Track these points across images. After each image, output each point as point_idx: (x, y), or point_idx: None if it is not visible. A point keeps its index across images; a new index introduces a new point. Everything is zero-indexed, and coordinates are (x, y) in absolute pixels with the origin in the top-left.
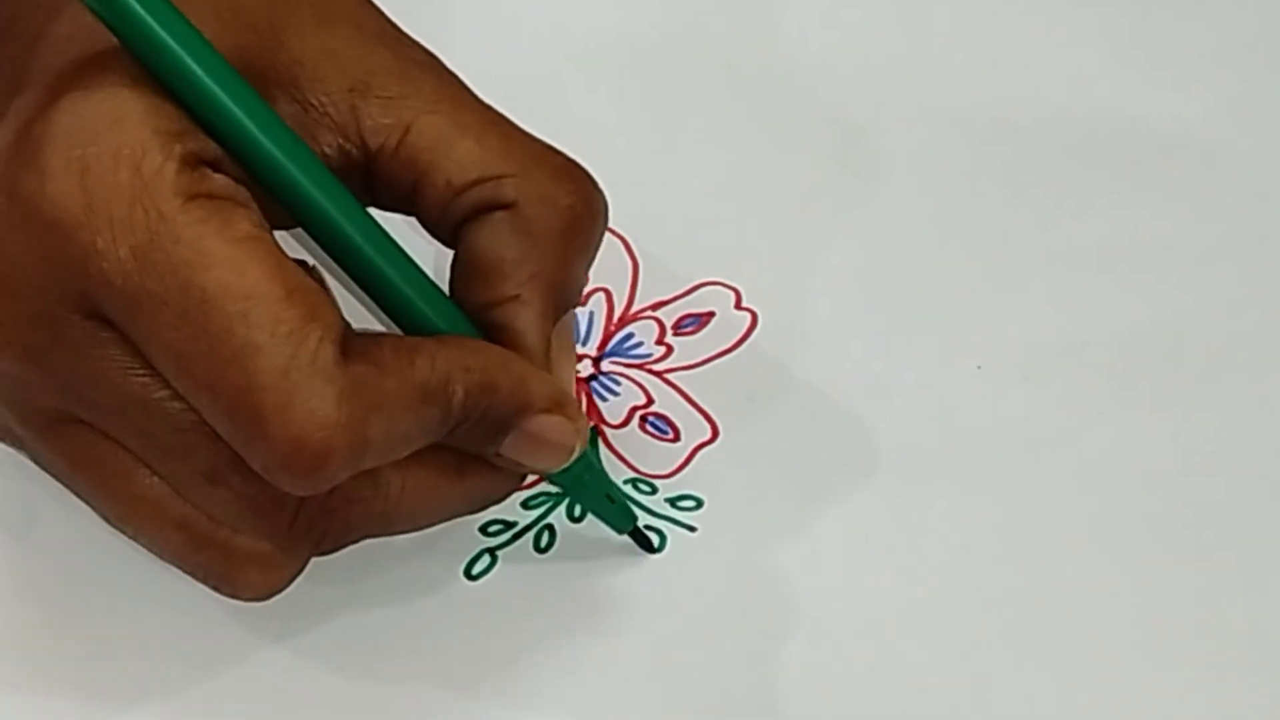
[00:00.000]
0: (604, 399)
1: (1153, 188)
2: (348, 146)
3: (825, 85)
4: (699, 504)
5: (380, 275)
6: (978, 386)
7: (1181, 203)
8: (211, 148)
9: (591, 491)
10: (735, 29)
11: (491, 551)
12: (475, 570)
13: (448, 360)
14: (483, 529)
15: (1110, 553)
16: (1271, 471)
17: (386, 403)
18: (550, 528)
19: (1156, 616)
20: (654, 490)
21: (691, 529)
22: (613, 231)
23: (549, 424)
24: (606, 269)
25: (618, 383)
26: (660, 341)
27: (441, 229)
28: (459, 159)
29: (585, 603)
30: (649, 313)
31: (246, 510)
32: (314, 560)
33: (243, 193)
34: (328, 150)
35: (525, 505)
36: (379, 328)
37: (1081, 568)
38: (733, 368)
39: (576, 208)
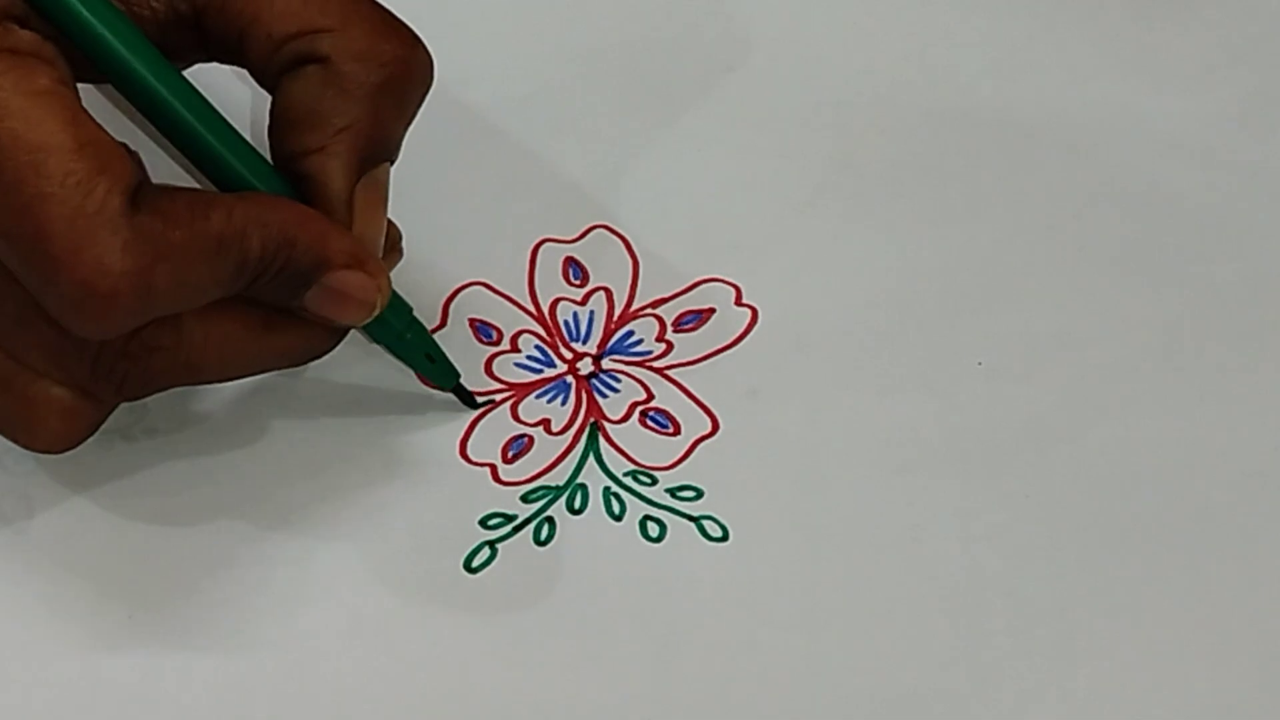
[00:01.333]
0: (604, 395)
1: (1153, 188)
2: (176, 1)
3: (826, 86)
4: (699, 494)
5: (189, 129)
6: (978, 383)
7: (1182, 203)
8: (17, 3)
9: (413, 349)
10: (736, 30)
11: (491, 544)
12: (475, 563)
13: (244, 214)
14: (482, 522)
15: (1111, 550)
16: (1272, 471)
17: (174, 252)
18: (550, 521)
19: (1157, 614)
20: (654, 481)
21: (691, 518)
22: (613, 230)
23: (348, 279)
24: (607, 268)
25: (618, 380)
26: (661, 338)
27: (266, 81)
28: (279, 12)
29: (585, 596)
30: (649, 310)
31: (51, 353)
32: (314, 551)
33: (48, 49)
34: (155, 4)
35: (525, 499)
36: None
37: (1082, 564)
38: (733, 363)
39: (390, 65)
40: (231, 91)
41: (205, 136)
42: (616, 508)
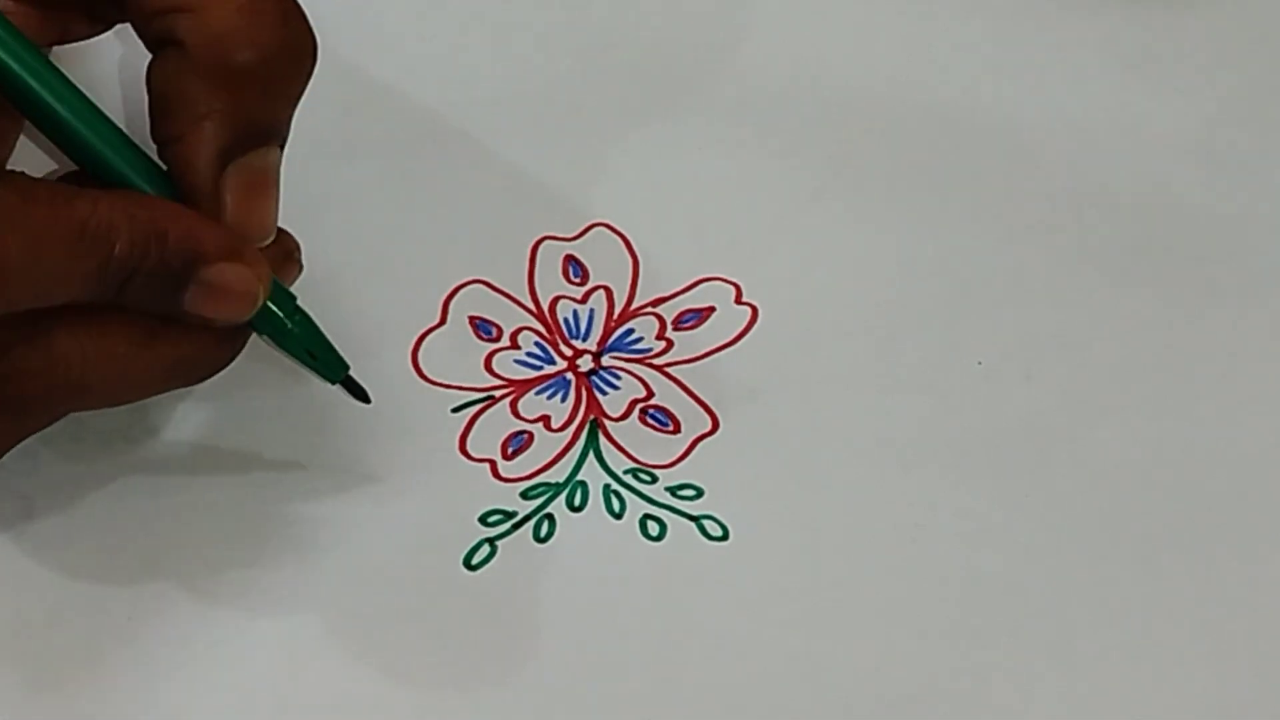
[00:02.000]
0: (604, 393)
1: (1153, 188)
2: None
3: (826, 85)
4: (699, 493)
5: (62, 123)
6: (978, 383)
7: (1182, 203)
8: None
9: (298, 343)
10: (736, 30)
11: (491, 542)
12: (475, 560)
13: (111, 206)
14: (482, 519)
15: (1111, 549)
16: (1272, 471)
17: (32, 231)
18: (550, 517)
19: (1157, 614)
20: (654, 479)
21: (691, 518)
22: (613, 228)
23: (225, 270)
24: (607, 266)
25: (618, 377)
26: (661, 336)
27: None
28: None
29: (585, 594)
30: (649, 309)
31: None
32: (313, 549)
33: None
34: None
35: (525, 496)
36: None
37: (1082, 564)
38: (733, 361)
39: (252, 48)
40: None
41: (79, 130)
42: (616, 506)
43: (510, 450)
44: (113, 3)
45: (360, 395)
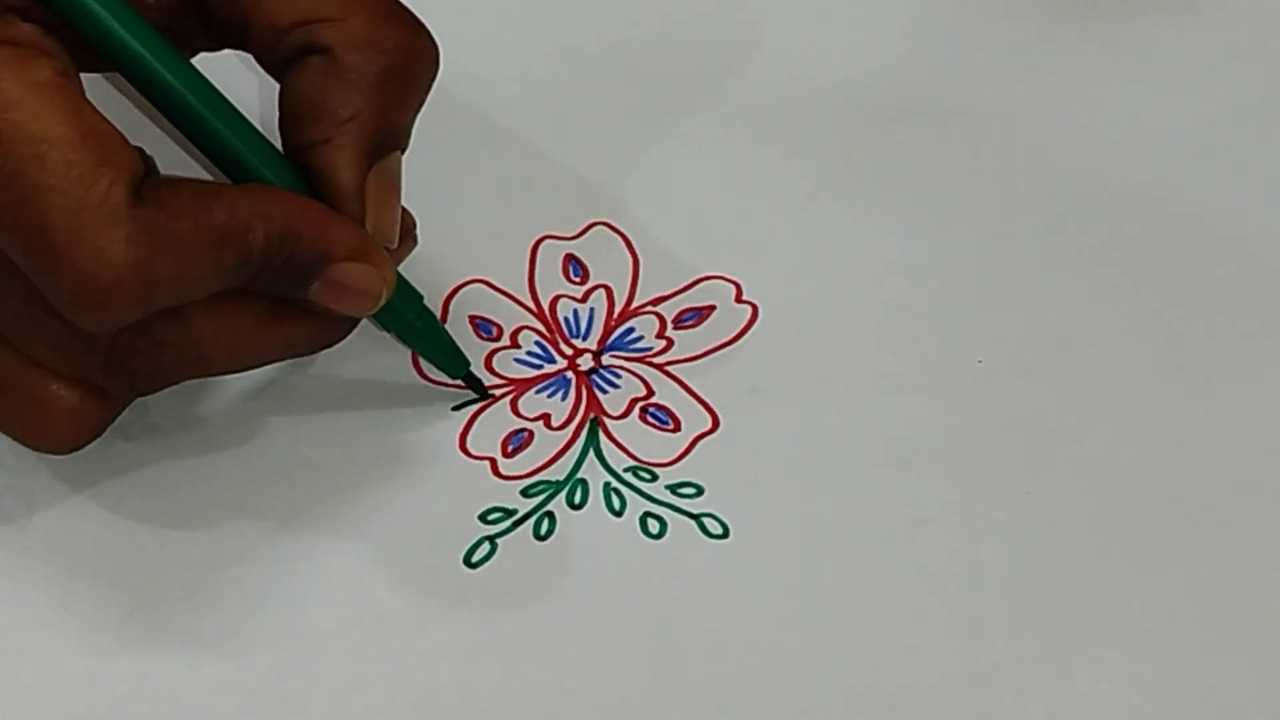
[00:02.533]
0: (604, 391)
1: (1153, 188)
2: None
3: (826, 85)
4: (699, 491)
5: (198, 118)
6: (978, 382)
7: (1182, 203)
8: None
9: (422, 338)
10: (736, 30)
11: (491, 539)
12: (475, 558)
13: (248, 207)
14: (482, 517)
15: (1111, 548)
16: (1272, 471)
17: (176, 244)
18: (550, 515)
19: (1157, 613)
20: (654, 478)
21: (691, 516)
22: (613, 228)
23: (353, 271)
24: (607, 265)
25: (618, 376)
26: (661, 335)
27: (272, 70)
28: (281, 2)
29: (585, 591)
30: (649, 307)
31: (63, 349)
32: (314, 547)
33: (49, 41)
34: None
35: (525, 493)
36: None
37: (1082, 563)
38: (733, 360)
39: (393, 54)
40: (242, 79)
41: (214, 125)
42: (617, 503)
43: (510, 448)
44: (223, 29)
45: (480, 390)
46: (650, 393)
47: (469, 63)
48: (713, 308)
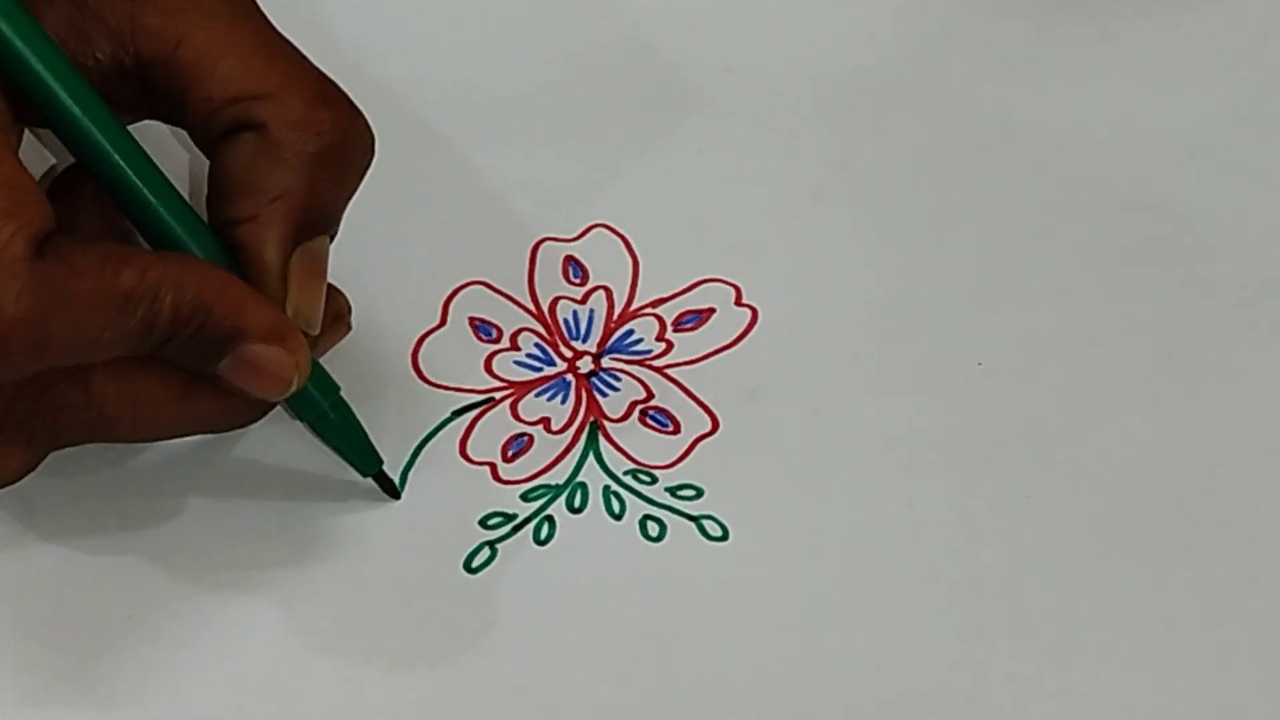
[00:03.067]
0: (604, 394)
1: (1153, 188)
2: (121, 54)
3: (826, 86)
4: (699, 493)
5: (124, 181)
6: (978, 384)
7: (1182, 203)
8: None
9: (338, 432)
10: (735, 30)
11: (491, 544)
12: (475, 563)
13: (160, 273)
14: (482, 522)
15: (1110, 549)
16: (1272, 471)
17: (75, 303)
18: (550, 520)
19: (1157, 614)
20: (654, 480)
21: (691, 518)
22: (613, 229)
23: (263, 353)
24: (607, 267)
25: (618, 379)
26: (660, 338)
27: (204, 145)
28: (220, 76)
29: (585, 595)
30: (649, 310)
31: None
32: (313, 551)
33: None
34: (100, 55)
35: (525, 498)
36: None
37: (1082, 564)
38: (733, 363)
39: (328, 136)
40: (176, 152)
41: (138, 189)
42: (616, 507)
43: (510, 453)
44: (160, 99)
45: (392, 492)
46: (650, 395)
47: (469, 64)
48: (712, 310)
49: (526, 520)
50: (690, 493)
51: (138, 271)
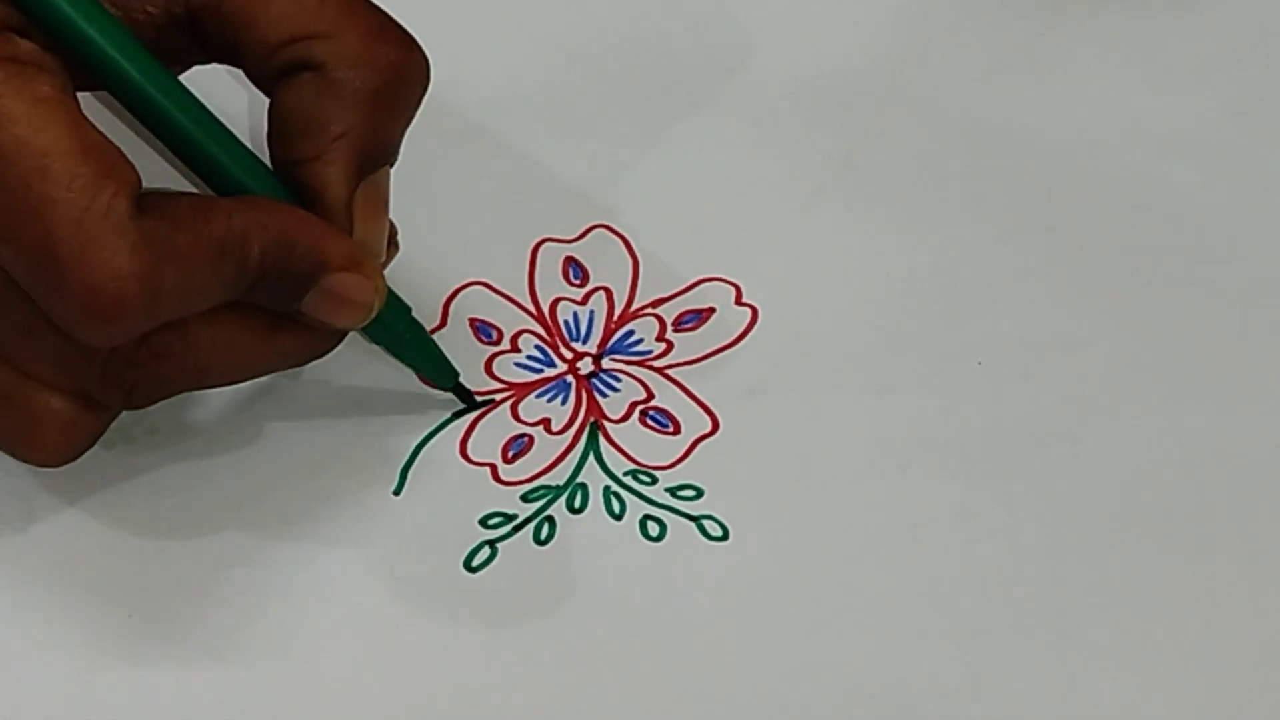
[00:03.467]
0: (604, 395)
1: (1152, 188)
2: (171, 5)
3: (827, 86)
4: (699, 494)
5: (186, 134)
6: (978, 383)
7: (1181, 203)
8: (15, 15)
9: (412, 349)
10: (735, 30)
11: (491, 544)
12: (475, 562)
13: (245, 218)
14: (483, 522)
15: (1110, 549)
16: (1272, 471)
17: (180, 255)
18: (550, 520)
19: (1157, 614)
20: (654, 480)
21: (691, 518)
22: (613, 230)
23: (346, 281)
24: (607, 267)
25: (618, 379)
26: (661, 338)
27: (263, 85)
28: (273, 17)
29: (585, 595)
30: (649, 310)
31: (60, 363)
32: (313, 552)
33: (48, 59)
34: (151, 9)
35: (525, 499)
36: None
37: (1082, 564)
38: (733, 362)
39: (385, 71)
40: (230, 95)
41: (202, 141)
42: (617, 507)
43: (511, 454)
44: (214, 44)
45: (469, 401)
46: (650, 396)
47: (469, 64)
48: (712, 310)
49: (527, 521)
50: (690, 493)
51: (225, 217)
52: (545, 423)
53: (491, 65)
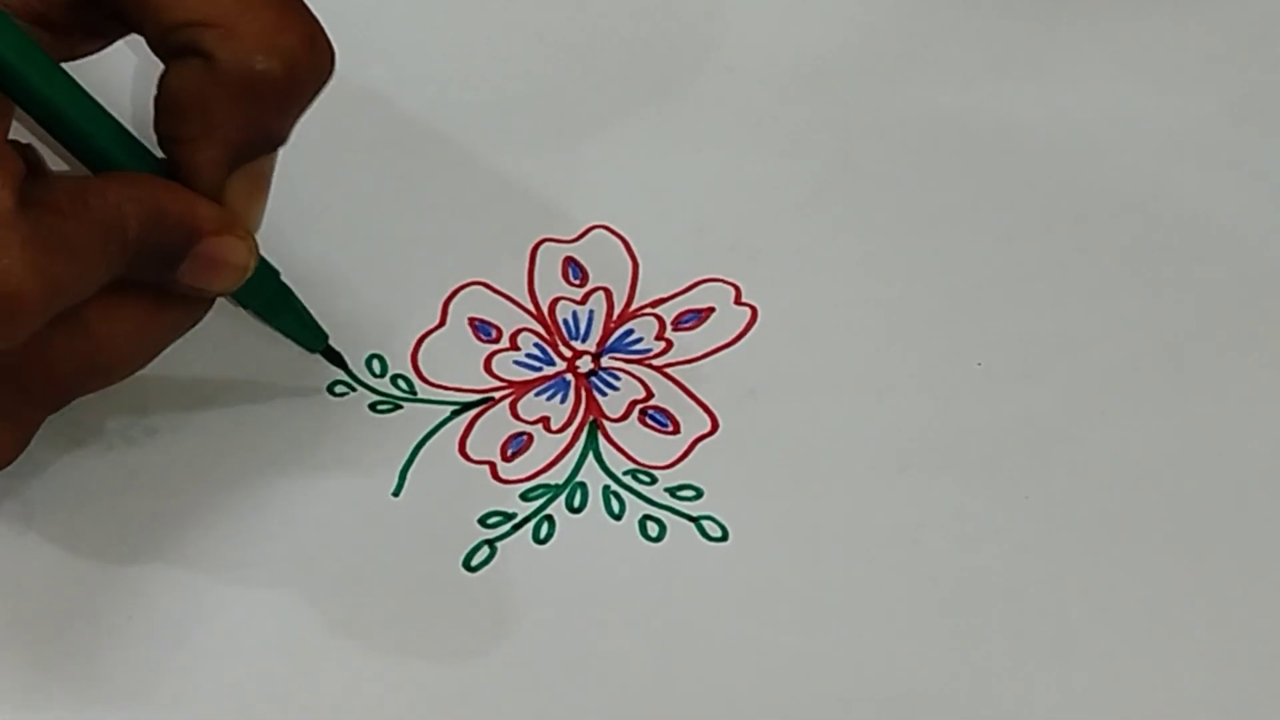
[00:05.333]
0: (603, 394)
1: (1152, 188)
2: None
3: (826, 86)
4: (698, 494)
5: (57, 112)
6: (978, 384)
7: (1181, 203)
8: None
9: (281, 314)
10: (735, 30)
11: (490, 543)
12: (474, 562)
13: (118, 194)
14: (482, 521)
15: (1110, 550)
16: (1272, 471)
17: (69, 243)
18: (550, 519)
19: (1157, 614)
20: (653, 480)
21: (690, 518)
22: (612, 230)
23: (219, 244)
24: (606, 268)
25: (617, 378)
26: (660, 337)
27: (160, 59)
28: (170, 1)
29: (584, 594)
30: (649, 310)
31: None
32: (313, 551)
33: None
34: None
35: (524, 497)
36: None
37: (1082, 565)
38: (732, 362)
39: (275, 67)
40: (116, 81)
41: (74, 116)
42: (616, 507)
43: (510, 452)
44: (118, 19)
45: (339, 362)
46: (649, 395)
47: (469, 65)
48: (712, 309)
49: (526, 520)
50: (690, 493)
51: (99, 196)
52: (544, 421)
53: (491, 65)
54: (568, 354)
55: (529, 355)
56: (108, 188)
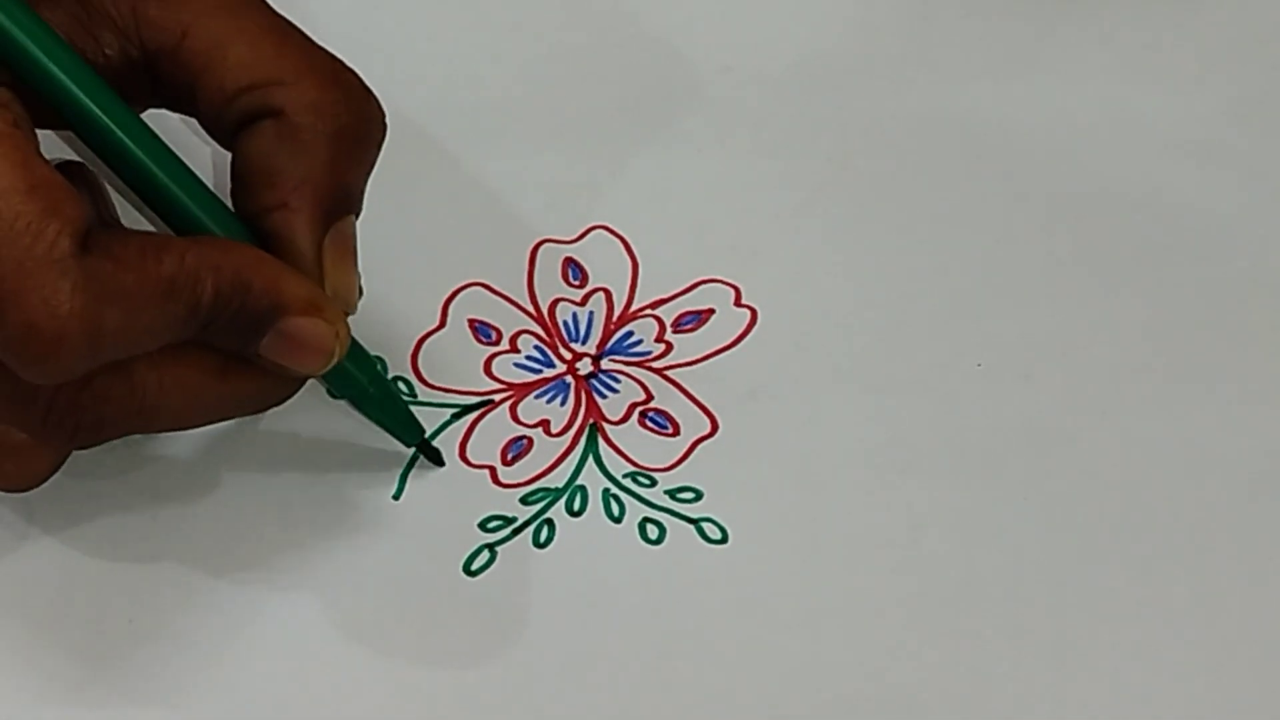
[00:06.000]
0: (603, 396)
1: (1151, 188)
2: (128, 47)
3: (826, 86)
4: (698, 496)
5: (145, 173)
6: (978, 385)
7: (1181, 203)
8: None
9: (378, 406)
10: (733, 30)
11: (491, 547)
12: (474, 566)
13: (198, 257)
14: (482, 525)
15: (1110, 550)
16: (1271, 471)
17: (124, 295)
18: (550, 523)
19: (1156, 614)
20: (653, 483)
21: (690, 521)
22: (612, 231)
23: (304, 326)
24: (606, 268)
25: (617, 380)
26: (660, 339)
27: (219, 134)
28: (232, 64)
29: (585, 598)
30: (649, 311)
31: (5, 400)
32: (314, 554)
33: (3, 94)
34: (108, 51)
35: (524, 501)
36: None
37: (1081, 566)
38: (732, 364)
39: (344, 116)
40: (194, 148)
41: (161, 179)
42: (616, 510)
43: (510, 456)
44: (181, 92)
45: (436, 459)
46: (649, 397)
47: (469, 63)
48: (712, 311)
49: (526, 523)
50: (690, 495)
51: (177, 257)
52: (544, 424)
53: (491, 66)
54: (568, 356)
55: (529, 357)
56: (189, 250)
